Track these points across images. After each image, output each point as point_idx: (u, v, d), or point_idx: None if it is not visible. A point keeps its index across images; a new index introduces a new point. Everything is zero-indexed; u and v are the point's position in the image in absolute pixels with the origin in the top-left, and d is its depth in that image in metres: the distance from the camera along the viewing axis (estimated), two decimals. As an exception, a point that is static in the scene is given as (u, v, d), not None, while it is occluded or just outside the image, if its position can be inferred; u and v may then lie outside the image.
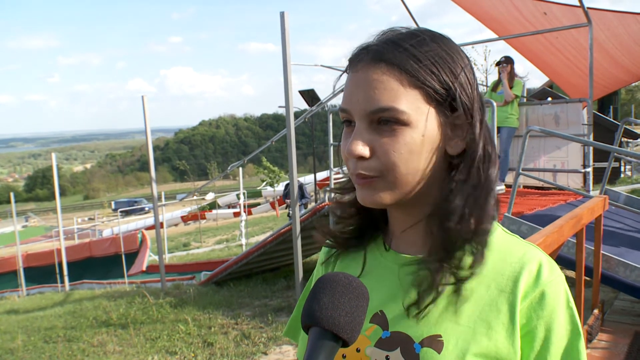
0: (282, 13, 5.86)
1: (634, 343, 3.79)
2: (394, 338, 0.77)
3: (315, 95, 10.43)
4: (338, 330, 0.61)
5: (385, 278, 0.83)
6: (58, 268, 13.05)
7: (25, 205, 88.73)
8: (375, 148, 0.74)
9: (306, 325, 0.63)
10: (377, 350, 0.78)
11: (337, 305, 0.62)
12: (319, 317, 0.62)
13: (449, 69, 0.74)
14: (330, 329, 0.61)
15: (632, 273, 3.90)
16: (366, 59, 0.75)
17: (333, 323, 0.61)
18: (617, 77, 9.57)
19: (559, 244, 2.76)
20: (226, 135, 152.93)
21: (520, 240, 0.81)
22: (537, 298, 0.74)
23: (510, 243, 0.80)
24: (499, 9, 8.33)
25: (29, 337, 6.87)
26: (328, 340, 0.61)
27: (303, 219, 7.07)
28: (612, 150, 5.41)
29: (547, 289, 0.74)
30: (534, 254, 0.77)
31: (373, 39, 0.78)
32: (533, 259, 0.76)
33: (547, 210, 5.54)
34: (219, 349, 5.32)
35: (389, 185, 0.76)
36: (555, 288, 0.75)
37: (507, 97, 6.85)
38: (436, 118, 0.75)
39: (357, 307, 0.63)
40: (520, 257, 0.77)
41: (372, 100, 0.73)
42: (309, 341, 0.62)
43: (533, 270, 0.75)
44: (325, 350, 0.60)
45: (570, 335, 0.74)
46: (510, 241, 0.80)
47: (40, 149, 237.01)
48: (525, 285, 0.74)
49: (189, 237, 25.60)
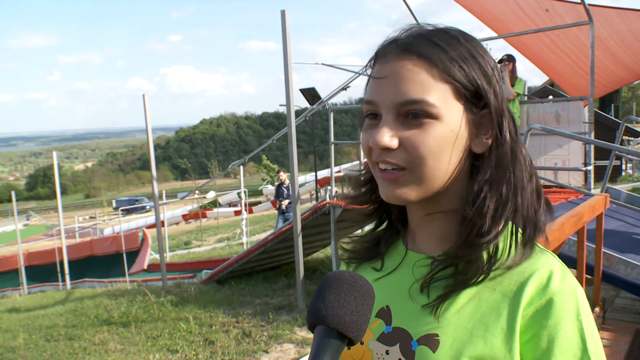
0: (282, 11, 5.86)
1: (635, 341, 3.79)
2: (395, 333, 0.77)
3: (316, 94, 10.42)
4: (344, 328, 0.61)
5: (398, 275, 0.83)
6: (59, 266, 13.05)
7: (26, 204, 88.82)
8: (403, 140, 0.72)
9: (312, 324, 0.63)
10: (378, 344, 0.78)
11: (343, 303, 0.62)
12: (324, 316, 0.61)
13: (479, 67, 0.74)
14: (335, 327, 0.61)
15: (633, 271, 3.90)
16: (395, 50, 0.73)
17: (338, 321, 0.61)
18: (618, 75, 9.56)
19: (560, 242, 2.76)
20: (227, 133, 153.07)
21: (536, 246, 0.77)
22: (543, 306, 0.70)
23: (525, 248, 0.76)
24: (501, 6, 8.32)
25: (31, 335, 6.88)
26: (333, 339, 0.61)
27: (304, 217, 7.07)
28: (613, 148, 5.41)
29: (556, 297, 0.70)
30: (546, 261, 0.74)
31: (400, 34, 0.76)
32: (544, 266, 0.73)
33: (548, 208, 5.52)
34: (220, 347, 5.32)
35: (416, 180, 0.73)
36: (565, 298, 0.71)
37: (509, 95, 6.84)
38: (464, 115, 0.73)
39: (362, 305, 0.63)
40: (532, 262, 0.74)
41: (401, 92, 0.71)
42: (314, 340, 0.62)
43: (543, 277, 0.72)
44: (331, 349, 0.60)
45: (576, 350, 0.70)
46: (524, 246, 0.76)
47: (41, 147, 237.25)
48: (532, 292, 0.71)
49: (190, 235, 25.60)
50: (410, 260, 0.83)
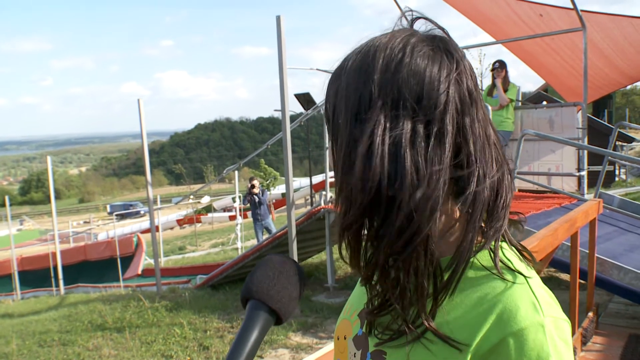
0: (278, 17, 5.87)
1: (628, 345, 3.81)
2: (362, 338, 0.77)
3: (311, 99, 10.43)
4: (271, 302, 0.67)
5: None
6: (53, 271, 12.97)
7: (20, 209, 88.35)
8: None
9: (243, 298, 0.69)
10: (352, 344, 0.78)
11: (270, 280, 0.68)
12: (253, 290, 0.68)
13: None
14: (263, 300, 0.67)
15: (626, 276, 3.93)
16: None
17: (266, 295, 0.67)
18: (612, 78, 9.62)
19: (553, 247, 2.78)
20: (222, 138, 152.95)
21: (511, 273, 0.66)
22: (495, 347, 0.61)
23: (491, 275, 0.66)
24: (495, 11, 8.37)
25: (24, 341, 6.84)
26: (263, 312, 0.66)
27: (299, 223, 7.08)
28: (606, 153, 5.46)
29: (511, 338, 0.61)
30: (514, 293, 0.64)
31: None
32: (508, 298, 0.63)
33: (542, 213, 5.56)
34: (214, 352, 5.31)
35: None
36: (526, 337, 0.60)
37: (502, 101, 6.89)
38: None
39: (289, 283, 0.69)
40: (494, 294, 0.64)
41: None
42: (245, 314, 0.67)
43: (505, 311, 0.62)
44: (260, 322, 0.66)
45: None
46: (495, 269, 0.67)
47: (35, 152, 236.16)
48: (483, 333, 0.62)
49: (185, 240, 25.51)
50: None
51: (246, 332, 0.64)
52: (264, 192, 11.50)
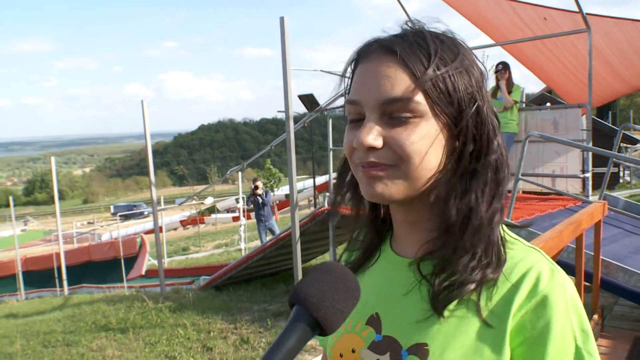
0: (281, 18, 5.87)
1: (633, 348, 3.79)
2: (385, 342, 0.76)
3: (314, 100, 10.44)
4: (318, 314, 0.59)
5: (384, 280, 0.82)
6: (57, 272, 13.01)
7: (24, 209, 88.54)
8: (388, 139, 0.71)
9: (291, 303, 0.62)
10: (369, 353, 0.77)
11: (326, 291, 0.61)
12: (304, 298, 0.60)
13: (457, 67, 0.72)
14: (311, 311, 0.60)
15: (632, 278, 3.91)
16: (378, 50, 0.73)
17: (315, 306, 0.60)
18: (614, 87, 9.59)
19: (558, 250, 2.77)
20: (225, 139, 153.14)
21: (522, 245, 0.77)
22: (533, 309, 0.69)
23: (511, 248, 0.75)
24: (498, 14, 8.35)
25: (28, 341, 6.85)
26: (305, 324, 0.59)
27: (303, 224, 7.07)
28: (611, 155, 5.43)
29: (545, 298, 0.69)
30: (533, 260, 0.73)
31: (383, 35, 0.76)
32: (532, 266, 0.72)
33: (547, 215, 5.55)
34: (218, 353, 5.31)
35: (402, 177, 0.72)
36: (555, 297, 0.69)
37: (507, 103, 6.87)
38: (447, 113, 0.72)
39: (344, 299, 0.62)
40: (519, 263, 0.73)
41: (385, 90, 0.70)
42: (289, 319, 0.61)
43: (532, 278, 0.70)
44: (300, 333, 0.59)
45: (568, 350, 0.69)
46: (510, 246, 0.75)
47: (39, 152, 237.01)
48: (521, 296, 0.70)
49: (188, 241, 25.52)
50: (393, 262, 0.82)
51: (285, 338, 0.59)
52: (267, 193, 11.50)
